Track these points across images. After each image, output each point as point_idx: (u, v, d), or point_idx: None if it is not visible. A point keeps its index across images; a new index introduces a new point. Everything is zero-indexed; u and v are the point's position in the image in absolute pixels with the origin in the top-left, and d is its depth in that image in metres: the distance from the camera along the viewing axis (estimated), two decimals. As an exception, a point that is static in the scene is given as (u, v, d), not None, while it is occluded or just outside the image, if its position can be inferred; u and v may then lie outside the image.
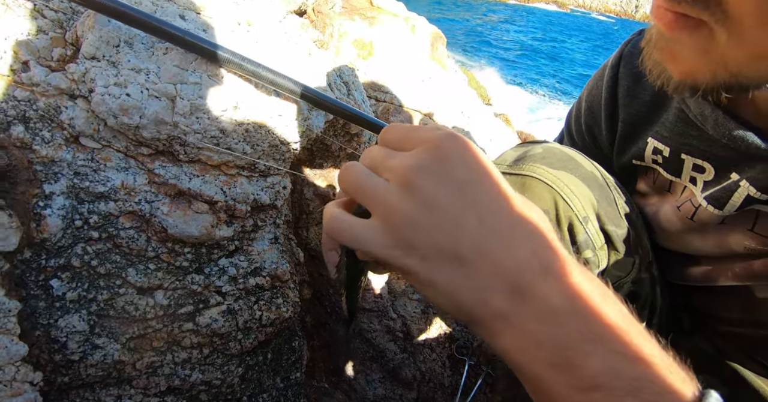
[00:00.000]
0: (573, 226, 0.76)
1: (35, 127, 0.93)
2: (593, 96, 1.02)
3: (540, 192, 0.75)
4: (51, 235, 0.91)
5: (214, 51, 0.97)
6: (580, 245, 0.77)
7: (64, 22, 1.05)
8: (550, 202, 0.74)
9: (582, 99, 1.06)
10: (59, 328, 0.91)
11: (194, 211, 1.01)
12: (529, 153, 0.81)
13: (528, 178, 0.76)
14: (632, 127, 0.92)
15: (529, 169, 0.76)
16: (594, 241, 0.77)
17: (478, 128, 1.89)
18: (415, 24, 1.90)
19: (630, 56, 0.93)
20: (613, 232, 0.78)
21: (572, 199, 0.74)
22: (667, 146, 0.83)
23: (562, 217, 0.75)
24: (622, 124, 0.94)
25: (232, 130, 1.02)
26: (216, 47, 0.98)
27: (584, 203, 0.75)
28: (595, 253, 0.78)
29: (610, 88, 0.95)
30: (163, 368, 1.02)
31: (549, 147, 0.82)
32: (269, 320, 1.12)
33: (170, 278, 1.01)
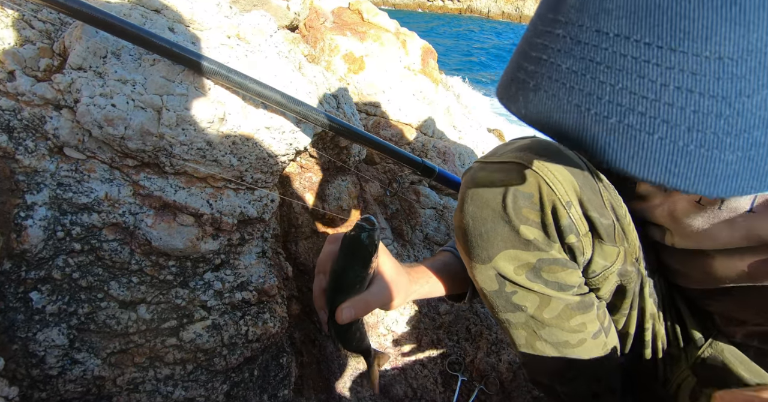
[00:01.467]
0: (556, 210, 0.77)
1: (19, 137, 0.92)
2: None
3: (525, 177, 0.77)
4: (32, 246, 0.89)
5: (201, 62, 0.97)
6: (564, 230, 0.77)
7: (52, 33, 1.05)
8: (534, 186, 0.76)
9: None
10: (38, 342, 0.89)
11: (179, 224, 1.00)
12: (515, 144, 0.84)
13: (514, 164, 0.78)
14: None
15: (516, 157, 0.78)
16: (578, 226, 0.78)
17: (471, 142, 1.89)
18: (406, 39, 1.92)
19: None
20: (597, 220, 0.78)
21: (555, 183, 0.75)
22: None
23: (546, 201, 0.76)
24: None
25: (218, 142, 1.01)
26: (203, 59, 0.97)
27: (567, 188, 0.76)
28: (579, 239, 0.79)
29: None
30: (144, 385, 0.99)
31: (536, 139, 0.84)
32: (256, 336, 1.09)
33: (154, 292, 0.98)
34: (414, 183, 1.54)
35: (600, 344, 0.87)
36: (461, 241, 0.85)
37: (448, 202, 1.56)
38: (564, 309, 0.83)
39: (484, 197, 0.79)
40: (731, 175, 0.34)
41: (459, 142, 1.83)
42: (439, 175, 1.27)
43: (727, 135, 0.33)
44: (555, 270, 0.80)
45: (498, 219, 0.78)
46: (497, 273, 0.82)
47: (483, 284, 0.85)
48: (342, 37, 1.85)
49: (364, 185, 1.41)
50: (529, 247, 0.79)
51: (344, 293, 0.76)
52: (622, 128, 0.35)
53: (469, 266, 0.86)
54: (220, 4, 1.25)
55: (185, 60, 0.96)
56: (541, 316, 0.84)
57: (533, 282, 0.81)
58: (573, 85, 0.37)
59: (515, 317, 0.86)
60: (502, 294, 0.84)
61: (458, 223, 0.84)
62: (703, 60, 0.32)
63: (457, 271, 1.01)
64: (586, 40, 0.36)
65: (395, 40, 1.93)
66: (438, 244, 1.50)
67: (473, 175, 0.82)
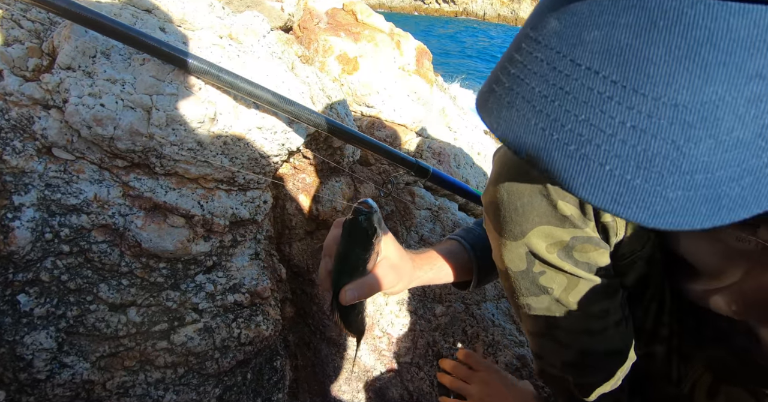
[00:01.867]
0: None
1: (6, 137, 0.90)
2: None
3: None
4: (19, 248, 0.87)
5: (191, 62, 0.96)
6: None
7: (41, 33, 1.04)
8: None
9: None
10: (25, 345, 0.87)
11: (170, 225, 0.98)
12: None
13: None
14: None
15: None
16: None
17: (466, 143, 1.88)
18: (400, 39, 1.91)
19: None
20: None
21: None
22: None
23: None
24: None
25: (209, 142, 1.00)
26: (193, 58, 0.96)
27: None
28: (614, 219, 0.78)
29: None
30: (135, 389, 0.97)
31: None
32: (248, 339, 1.08)
33: (144, 294, 0.97)
34: (409, 184, 1.53)
35: (620, 334, 0.87)
36: (492, 216, 0.84)
37: (444, 203, 1.54)
38: (591, 292, 0.82)
39: (522, 170, 0.78)
40: (670, 211, 0.37)
41: (454, 143, 1.82)
42: (433, 175, 1.26)
43: (671, 174, 0.36)
44: (587, 249, 0.80)
45: (536, 192, 0.77)
46: (528, 250, 0.81)
47: (510, 263, 0.84)
48: (336, 38, 1.85)
49: (359, 186, 1.40)
50: (565, 224, 0.78)
51: (348, 275, 0.79)
52: (579, 156, 0.38)
53: (498, 243, 0.85)
54: (213, 5, 1.24)
55: (175, 59, 0.95)
56: (567, 299, 0.83)
57: (564, 261, 0.80)
58: (542, 109, 0.40)
59: (538, 301, 0.85)
60: (529, 274, 0.83)
61: (491, 198, 0.83)
62: (660, 104, 0.35)
63: (462, 260, 1.02)
64: (561, 68, 0.39)
65: (390, 41, 1.92)
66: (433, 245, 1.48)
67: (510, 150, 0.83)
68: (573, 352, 0.88)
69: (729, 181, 0.35)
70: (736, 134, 0.34)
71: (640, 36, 0.35)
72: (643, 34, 0.35)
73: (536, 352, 0.95)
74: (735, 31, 0.33)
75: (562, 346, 0.89)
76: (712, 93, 0.34)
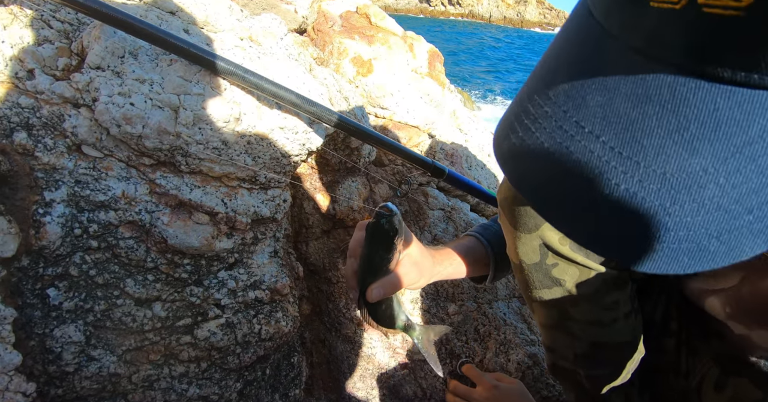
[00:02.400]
0: None
1: (38, 135, 0.93)
2: None
3: None
4: (50, 242, 0.90)
5: (218, 63, 0.98)
6: None
7: (71, 33, 1.06)
8: None
9: None
10: (54, 338, 0.90)
11: (195, 222, 1.00)
12: None
13: None
14: None
15: None
16: None
17: (477, 145, 1.90)
18: (413, 42, 1.93)
19: None
20: None
21: None
22: None
23: None
24: None
25: (234, 141, 1.02)
26: (219, 59, 0.99)
27: None
28: None
29: None
30: (159, 382, 1.00)
31: None
32: (268, 334, 1.10)
33: (169, 290, 0.99)
34: (422, 184, 1.55)
35: (630, 327, 0.89)
36: (507, 211, 0.87)
37: (456, 204, 1.56)
38: (602, 283, 0.85)
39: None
40: (655, 259, 0.41)
41: (465, 144, 1.84)
42: (449, 175, 1.28)
43: (656, 231, 0.40)
44: None
45: None
46: (542, 242, 0.84)
47: (524, 256, 0.87)
48: (350, 41, 1.87)
49: (374, 186, 1.42)
50: None
51: (373, 275, 0.84)
52: (571, 211, 0.43)
53: (513, 237, 0.88)
54: (231, 7, 1.27)
55: (203, 60, 0.98)
56: (578, 290, 0.86)
57: (576, 253, 0.83)
58: (546, 164, 0.43)
59: (550, 293, 0.88)
60: (542, 267, 0.86)
61: (506, 193, 0.86)
62: (651, 172, 0.39)
63: (479, 255, 1.07)
64: (566, 128, 0.43)
65: (403, 44, 1.95)
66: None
67: None
68: (584, 344, 0.91)
69: (709, 238, 0.39)
70: (717, 200, 0.38)
71: (637, 107, 0.39)
72: (640, 105, 0.39)
73: (548, 345, 0.98)
74: (720, 111, 0.36)
75: (573, 337, 0.91)
76: (697, 164, 0.38)
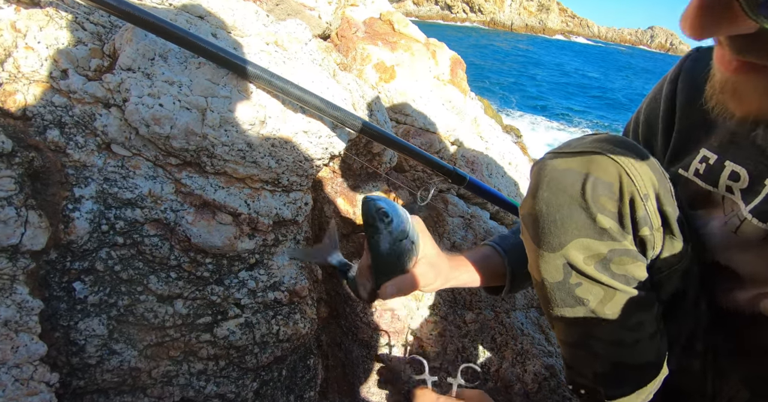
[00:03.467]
0: (634, 201, 0.79)
1: (70, 133, 0.95)
2: (651, 109, 1.05)
3: (606, 166, 0.79)
4: (77, 237, 0.92)
5: (245, 67, 1.00)
6: (638, 221, 0.79)
7: (103, 35, 1.09)
8: (615, 175, 0.78)
9: (640, 113, 1.09)
10: (79, 331, 0.92)
11: (218, 222, 1.02)
12: (594, 136, 0.86)
13: (595, 154, 0.80)
14: (687, 137, 0.94)
15: (596, 147, 0.81)
16: (652, 219, 0.80)
17: (497, 153, 1.90)
18: (436, 49, 1.94)
19: (690, 70, 0.96)
20: (671, 215, 0.81)
21: (635, 175, 0.78)
22: (716, 154, 0.86)
23: (625, 192, 0.78)
24: (677, 135, 0.96)
25: (258, 144, 1.04)
26: (247, 63, 1.01)
27: (646, 181, 0.79)
28: (652, 233, 0.80)
29: (669, 100, 0.98)
30: (178, 378, 1.01)
31: (611, 134, 0.88)
32: (286, 336, 1.11)
33: (190, 288, 1.01)
34: (442, 191, 1.55)
35: (654, 347, 0.87)
36: (531, 228, 0.85)
37: (476, 212, 1.56)
38: (626, 304, 0.83)
39: (562, 183, 0.80)
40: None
41: (486, 152, 1.84)
42: (470, 182, 1.28)
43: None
44: (625, 262, 0.81)
45: (575, 205, 0.80)
46: (566, 262, 0.83)
47: (546, 274, 0.85)
48: (373, 47, 1.89)
49: (394, 192, 1.43)
50: (603, 237, 0.80)
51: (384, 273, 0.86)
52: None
53: (536, 255, 0.86)
54: (258, 13, 1.29)
55: (231, 64, 1.00)
56: (602, 310, 0.84)
57: (601, 273, 0.82)
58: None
59: (573, 312, 0.86)
60: (565, 286, 0.85)
61: (529, 209, 0.85)
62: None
63: (496, 265, 1.05)
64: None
65: (425, 51, 1.96)
66: (464, 252, 1.50)
67: (549, 162, 0.84)
68: (606, 363, 0.89)
69: None
70: None
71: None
72: None
73: (568, 362, 0.95)
74: None
75: (595, 356, 0.89)
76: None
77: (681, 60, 1.00)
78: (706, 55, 0.96)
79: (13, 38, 0.99)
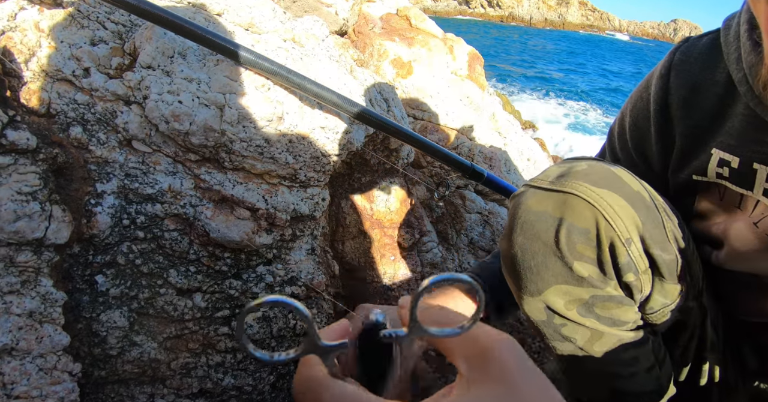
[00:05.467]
0: (615, 248, 0.73)
1: (92, 129, 0.97)
2: (638, 110, 0.97)
3: (581, 210, 0.73)
4: (100, 232, 0.94)
5: (263, 63, 1.01)
6: (621, 267, 0.74)
7: (123, 34, 1.11)
8: (591, 221, 0.72)
9: (625, 114, 1.02)
10: (101, 323, 0.94)
11: (236, 217, 1.03)
12: (572, 169, 0.78)
13: (570, 195, 0.74)
14: (693, 140, 0.87)
15: (572, 187, 0.74)
16: (637, 264, 0.74)
17: (515, 149, 1.89)
18: (453, 44, 1.93)
19: (682, 64, 0.89)
20: (659, 257, 0.75)
21: (615, 219, 0.72)
22: (737, 156, 0.79)
23: (603, 238, 0.73)
24: (681, 137, 0.89)
25: (276, 140, 1.05)
26: (264, 60, 1.01)
27: (628, 224, 0.73)
28: (638, 277, 0.75)
29: (661, 99, 0.91)
30: (197, 370, 1.03)
31: (593, 164, 0.79)
32: (303, 330, 1.12)
33: (209, 282, 1.02)
34: (460, 187, 1.55)
35: (653, 377, 0.83)
36: (509, 270, 0.82)
37: (494, 208, 1.56)
38: (616, 343, 0.80)
39: (535, 228, 0.76)
40: None
41: (504, 148, 1.83)
42: (488, 179, 1.28)
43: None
44: (609, 307, 0.77)
45: (549, 254, 0.75)
46: (546, 306, 0.80)
47: (530, 314, 0.83)
48: (390, 43, 1.88)
49: (411, 188, 1.43)
50: (583, 284, 0.76)
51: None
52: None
53: (517, 295, 0.83)
54: (275, 10, 1.30)
55: (249, 61, 1.01)
56: (591, 348, 0.81)
57: (584, 317, 0.78)
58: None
59: (563, 346, 0.83)
60: (551, 325, 0.82)
61: (506, 251, 0.81)
62: None
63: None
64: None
65: (442, 46, 1.95)
66: (482, 249, 1.50)
67: (523, 201, 0.79)
68: (605, 390, 0.86)
69: None
70: None
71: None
72: None
73: (569, 382, 0.92)
74: None
75: (593, 384, 0.87)
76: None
77: (669, 53, 0.93)
78: (697, 46, 0.89)
79: (37, 38, 1.01)
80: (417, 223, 1.41)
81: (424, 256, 1.39)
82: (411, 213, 1.39)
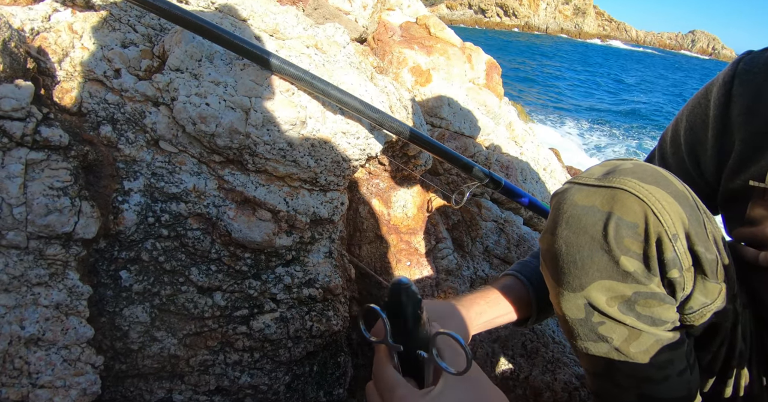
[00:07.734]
0: (662, 243, 0.73)
1: (121, 129, 1.00)
2: (695, 115, 1.00)
3: (631, 205, 0.74)
4: (125, 228, 0.96)
5: (288, 68, 1.03)
6: (667, 263, 0.74)
7: (153, 37, 1.14)
8: (641, 215, 0.73)
9: (681, 119, 1.04)
10: (123, 317, 0.96)
11: (258, 218, 1.05)
12: (619, 167, 0.79)
13: (619, 190, 0.74)
14: (753, 146, 0.89)
15: (620, 182, 0.75)
16: (682, 260, 0.75)
17: (532, 159, 1.89)
18: (471, 53, 1.95)
19: (746, 74, 0.92)
20: (702, 254, 0.75)
21: (663, 214, 0.73)
22: None
23: (651, 232, 0.73)
24: (741, 143, 0.91)
25: (298, 143, 1.07)
26: (289, 65, 1.04)
27: (675, 220, 0.73)
28: (682, 274, 0.75)
29: (722, 105, 0.94)
30: (214, 368, 1.05)
31: (639, 163, 0.81)
32: (319, 332, 1.13)
33: (229, 281, 1.04)
34: (476, 195, 1.56)
35: (684, 382, 0.83)
36: (550, 265, 0.82)
37: (509, 217, 1.56)
38: (653, 344, 0.80)
39: (582, 222, 0.76)
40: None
41: (521, 157, 1.83)
42: (505, 187, 1.29)
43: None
44: (651, 304, 0.77)
45: (596, 247, 0.75)
46: (587, 302, 0.79)
47: (567, 312, 0.82)
48: (410, 51, 1.91)
49: (428, 195, 1.44)
50: (627, 279, 0.76)
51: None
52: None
53: (556, 292, 0.83)
54: (298, 16, 1.32)
55: (274, 66, 1.03)
56: (627, 349, 0.80)
57: (625, 315, 0.78)
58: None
59: (597, 347, 0.83)
60: (588, 323, 0.81)
61: (548, 246, 0.81)
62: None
63: (520, 294, 0.99)
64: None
65: (461, 55, 1.97)
66: (497, 257, 1.50)
67: (569, 196, 0.79)
68: (633, 396, 0.85)
69: None
70: None
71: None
72: None
73: (594, 390, 0.92)
74: None
75: (621, 388, 0.85)
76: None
77: (733, 62, 0.96)
78: (762, 57, 0.92)
79: (70, 39, 1.04)
80: (433, 229, 1.42)
81: (440, 262, 1.40)
82: (427, 220, 1.40)
